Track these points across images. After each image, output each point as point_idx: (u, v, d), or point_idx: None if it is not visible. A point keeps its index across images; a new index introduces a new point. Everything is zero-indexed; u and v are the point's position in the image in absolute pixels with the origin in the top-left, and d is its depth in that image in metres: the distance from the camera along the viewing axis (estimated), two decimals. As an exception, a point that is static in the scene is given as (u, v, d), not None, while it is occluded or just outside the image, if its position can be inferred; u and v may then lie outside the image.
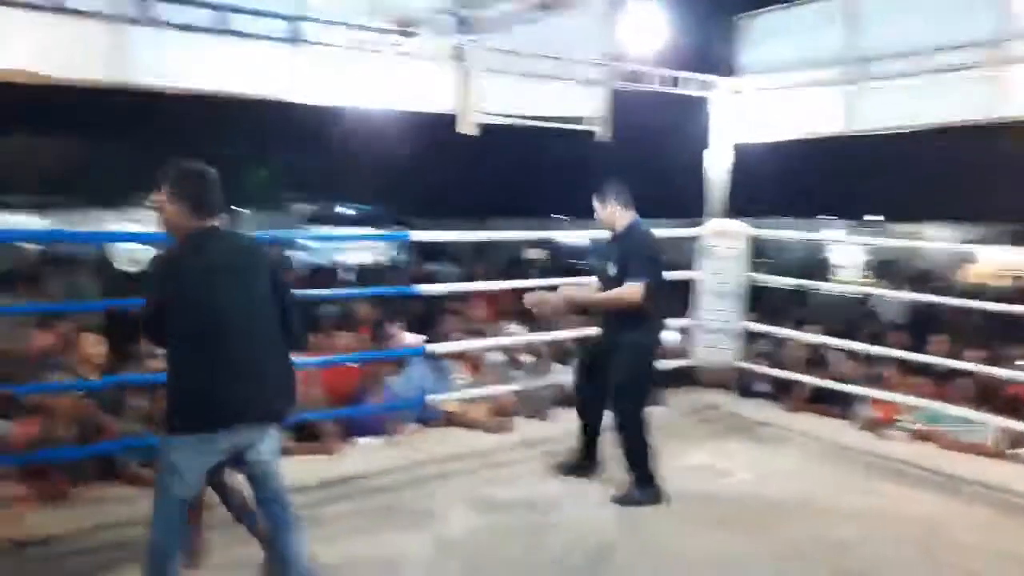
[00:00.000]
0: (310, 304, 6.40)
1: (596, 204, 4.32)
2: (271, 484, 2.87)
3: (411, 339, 4.58)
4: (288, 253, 8.91)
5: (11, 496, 3.76)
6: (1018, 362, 5.43)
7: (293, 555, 2.90)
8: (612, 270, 4.17)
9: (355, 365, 5.20)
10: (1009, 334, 6.18)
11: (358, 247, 16.83)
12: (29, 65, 4.12)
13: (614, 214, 4.30)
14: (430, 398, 5.01)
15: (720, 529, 3.86)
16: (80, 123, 19.63)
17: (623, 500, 4.10)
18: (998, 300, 6.74)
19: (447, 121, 5.51)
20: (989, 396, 5.13)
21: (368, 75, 5.06)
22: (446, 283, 8.08)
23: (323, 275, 9.58)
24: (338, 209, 26.16)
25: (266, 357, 2.79)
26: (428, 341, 5.49)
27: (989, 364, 5.18)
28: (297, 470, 4.34)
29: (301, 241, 14.00)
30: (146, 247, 12.44)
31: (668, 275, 4.55)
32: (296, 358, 4.99)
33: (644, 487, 4.13)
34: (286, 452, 4.47)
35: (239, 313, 2.70)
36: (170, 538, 2.71)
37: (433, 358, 5.34)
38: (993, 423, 4.85)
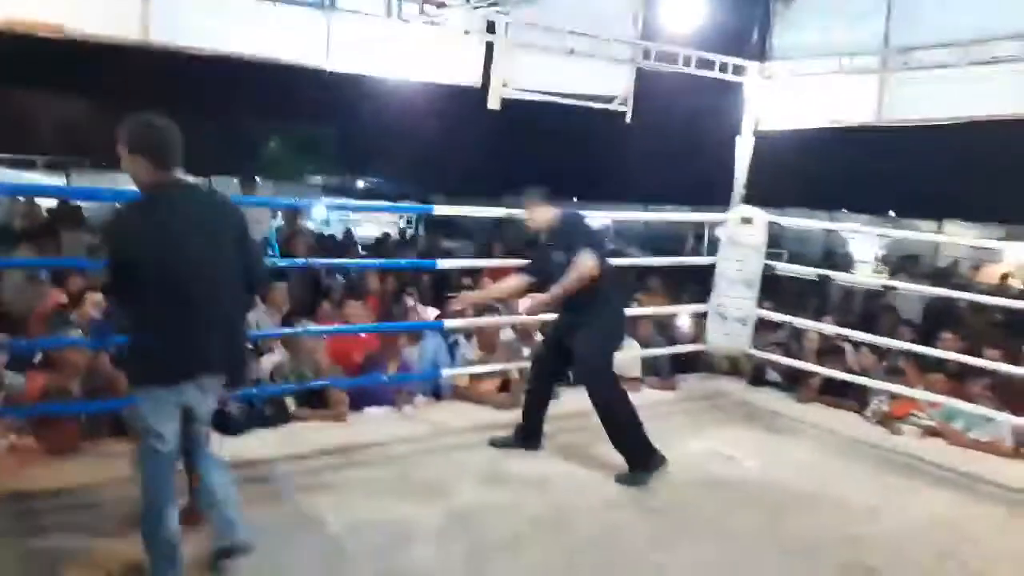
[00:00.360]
0: (323, 273, 6.42)
1: (526, 212, 4.42)
2: (199, 431, 2.88)
3: (430, 313, 4.57)
4: (303, 222, 8.87)
5: (23, 447, 3.80)
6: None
7: (222, 490, 2.90)
8: (561, 258, 4.20)
9: (365, 335, 5.20)
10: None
11: (374, 220, 16.81)
12: (60, 19, 4.10)
13: (546, 213, 4.36)
14: (444, 372, 5.00)
15: (726, 516, 3.83)
16: (105, 82, 19.64)
17: (627, 480, 4.09)
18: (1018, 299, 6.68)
19: (473, 95, 5.46)
20: (1006, 394, 5.07)
21: (398, 45, 5.02)
22: (461, 259, 8.07)
23: (336, 246, 9.56)
24: (356, 182, 26.14)
25: (228, 310, 2.82)
26: (440, 316, 5.48)
27: (1006, 363, 5.12)
28: (306, 436, 4.40)
29: (316, 211, 14.04)
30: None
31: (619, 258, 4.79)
32: (312, 325, 5.08)
33: (640, 459, 4.14)
34: (295, 418, 4.56)
35: (204, 266, 2.69)
36: (163, 493, 2.72)
37: (446, 333, 5.34)
38: (1009, 422, 4.79)
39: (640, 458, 4.14)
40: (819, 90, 6.16)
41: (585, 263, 4.10)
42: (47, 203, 9.96)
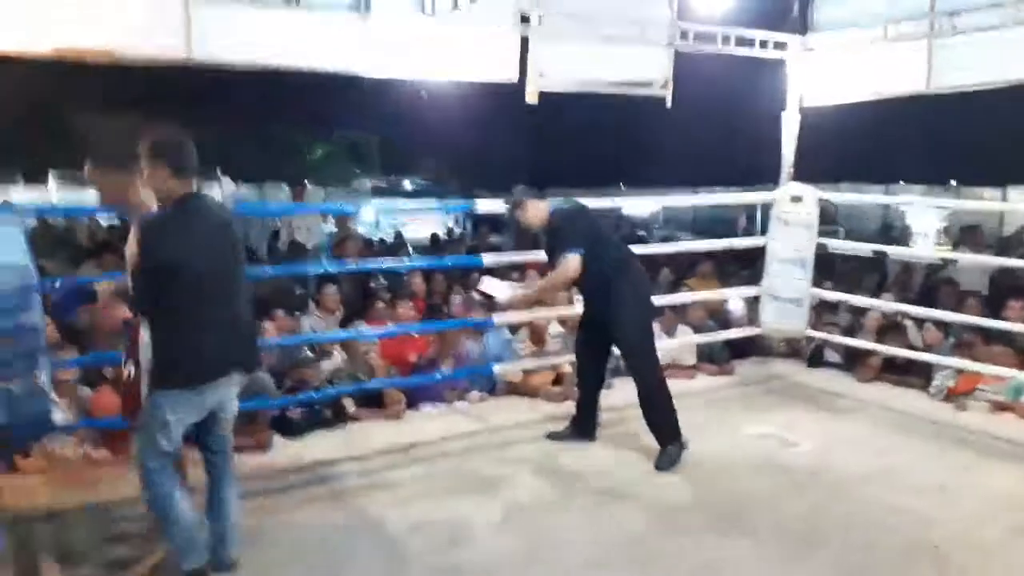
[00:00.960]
0: (369, 275, 6.52)
1: (516, 214, 4.35)
2: (224, 437, 3.01)
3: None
4: (353, 226, 9.01)
5: (98, 458, 3.95)
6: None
7: (228, 506, 3.02)
8: (556, 257, 4.21)
9: (417, 335, 5.28)
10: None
11: (421, 220, 16.97)
12: (107, 44, 4.24)
13: (537, 211, 4.29)
14: (498, 367, 5.04)
15: (783, 500, 3.79)
16: (145, 100, 20.22)
17: (664, 460, 4.12)
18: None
19: (511, 90, 5.46)
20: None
21: (433, 45, 5.05)
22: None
23: (386, 248, 9.70)
24: (402, 184, 26.39)
25: (243, 314, 2.96)
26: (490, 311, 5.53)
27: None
28: (365, 436, 4.50)
29: (365, 216, 14.19)
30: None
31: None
32: (364, 327, 5.17)
33: (672, 443, 4.16)
34: (353, 419, 4.65)
35: (223, 274, 2.85)
36: (169, 483, 2.82)
37: (499, 328, 5.38)
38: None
39: (671, 434, 4.17)
40: (866, 60, 5.98)
41: (566, 266, 4.12)
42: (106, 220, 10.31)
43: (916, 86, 5.69)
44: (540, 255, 4.72)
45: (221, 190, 19.30)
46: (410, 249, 11.43)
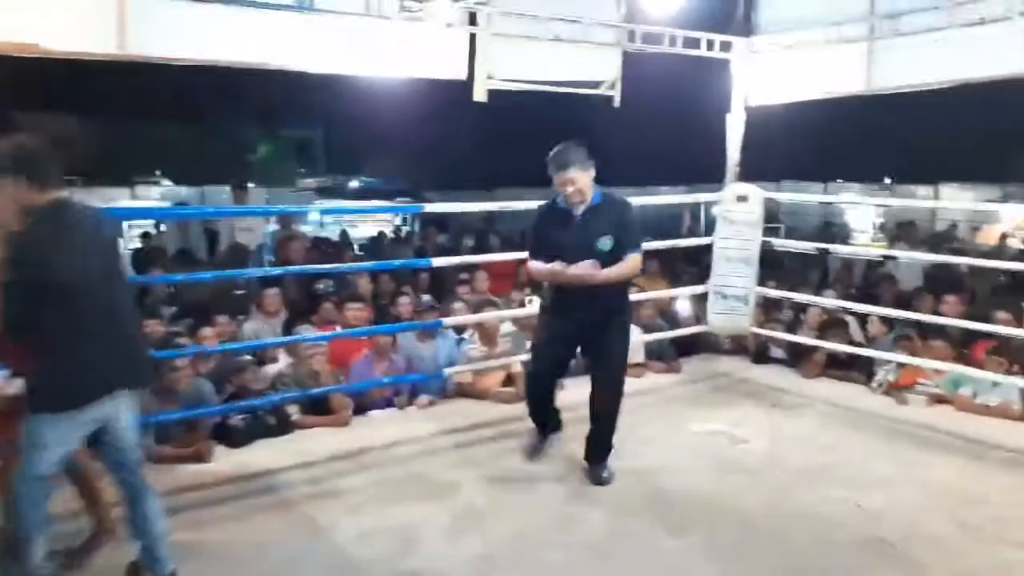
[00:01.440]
0: (314, 277, 6.38)
1: (577, 172, 3.69)
2: (126, 454, 2.85)
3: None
4: (297, 226, 8.82)
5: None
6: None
7: (151, 522, 2.88)
8: (606, 244, 3.72)
9: (367, 338, 5.17)
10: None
11: (368, 220, 16.75)
12: (34, 39, 4.05)
13: (589, 181, 3.76)
14: (446, 370, 4.97)
15: (735, 496, 3.81)
16: (82, 98, 19.50)
17: (608, 479, 3.95)
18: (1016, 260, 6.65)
19: (459, 88, 5.41)
20: (1013, 357, 5.03)
21: (380, 42, 4.97)
22: (459, 255, 8.02)
23: (331, 249, 9.52)
24: (347, 183, 26.06)
25: (127, 327, 2.81)
26: (440, 313, 5.46)
27: (1012, 325, 5.08)
28: (311, 443, 4.38)
29: (310, 215, 13.93)
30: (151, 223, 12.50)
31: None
32: (310, 330, 5.04)
33: (608, 456, 4.02)
34: (298, 426, 4.53)
35: (102, 285, 2.67)
36: (36, 520, 2.68)
37: (446, 330, 5.31)
38: (1017, 385, 4.76)
39: (609, 449, 4.03)
40: (809, 62, 6.09)
41: (636, 266, 3.85)
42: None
43: (856, 86, 5.82)
44: (492, 257, 4.66)
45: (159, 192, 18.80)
46: (355, 249, 11.27)
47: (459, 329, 5.60)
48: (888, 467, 4.18)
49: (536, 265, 3.89)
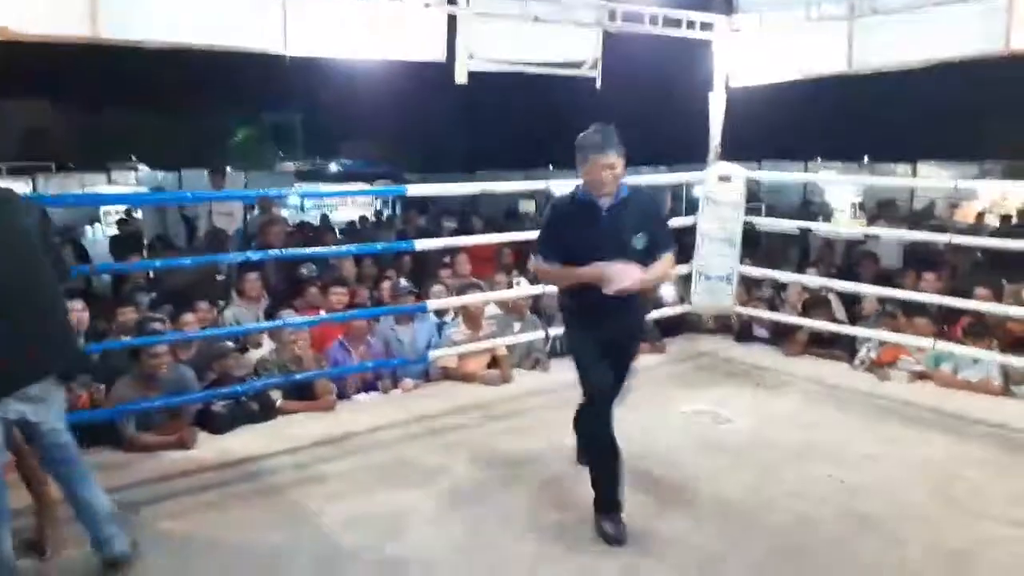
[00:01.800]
0: (296, 262, 6.32)
1: (617, 157, 3.16)
2: (59, 446, 2.80)
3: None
4: (277, 210, 8.72)
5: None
6: None
7: (94, 506, 2.84)
8: (640, 243, 3.25)
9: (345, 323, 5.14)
10: (1006, 270, 6.15)
11: (349, 203, 16.65)
12: (3, 22, 3.95)
13: (623, 172, 3.24)
14: (429, 353, 4.95)
15: (719, 475, 3.83)
16: (55, 83, 19.15)
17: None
18: (994, 236, 6.72)
19: (439, 70, 5.34)
20: (992, 333, 5.09)
21: (358, 24, 4.89)
22: (443, 237, 7.98)
23: (311, 232, 9.44)
24: (328, 166, 25.85)
25: (48, 314, 2.73)
26: (420, 297, 5.43)
27: (991, 301, 5.13)
28: (295, 428, 4.35)
29: (291, 198, 13.83)
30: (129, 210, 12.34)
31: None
32: (293, 315, 5.00)
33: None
34: (282, 412, 4.50)
35: (16, 273, 2.59)
36: None
37: (432, 313, 5.28)
38: (995, 361, 4.82)
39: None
40: (790, 41, 6.07)
41: (673, 264, 3.46)
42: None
43: (838, 66, 5.81)
44: (476, 239, 4.61)
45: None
46: (337, 233, 11.19)
47: (442, 312, 5.58)
48: (871, 443, 4.22)
49: (550, 268, 3.33)
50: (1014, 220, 12.77)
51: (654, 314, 6.05)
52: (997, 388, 4.86)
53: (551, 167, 18.62)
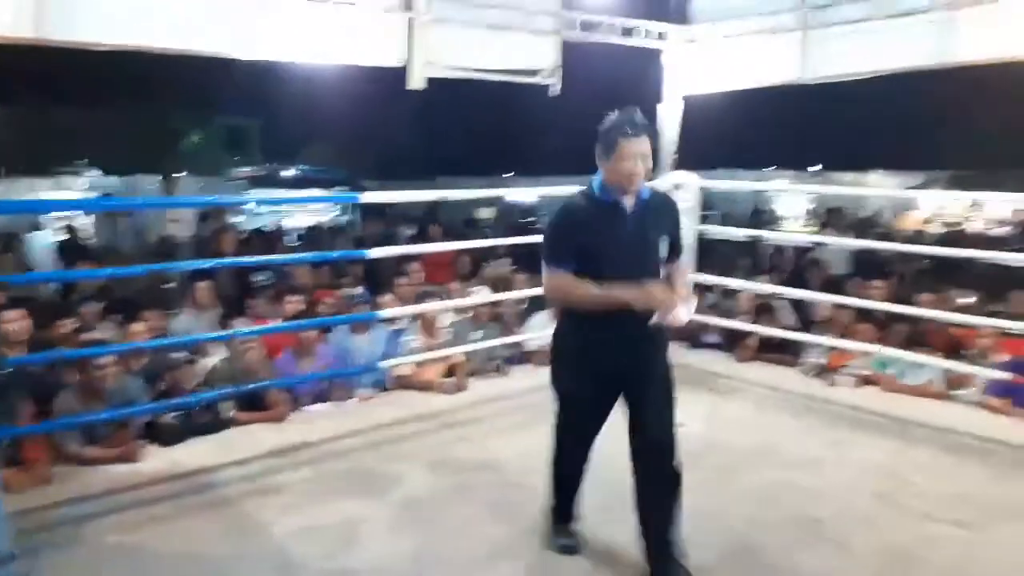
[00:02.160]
0: (249, 269, 6.24)
1: (648, 147, 2.79)
2: None
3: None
4: (230, 217, 8.60)
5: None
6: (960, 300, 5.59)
7: None
8: (664, 249, 2.88)
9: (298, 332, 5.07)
10: (949, 277, 6.34)
11: (305, 210, 16.45)
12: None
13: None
14: (384, 362, 4.91)
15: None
16: (3, 86, 18.58)
17: None
18: (936, 244, 6.93)
19: (398, 76, 5.33)
20: (933, 340, 5.24)
21: (316, 28, 4.86)
22: (401, 245, 7.93)
23: (265, 240, 9.31)
24: (283, 172, 25.52)
25: None
26: (375, 305, 5.39)
27: (935, 307, 5.28)
28: (247, 439, 4.28)
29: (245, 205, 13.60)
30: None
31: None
32: (246, 323, 4.92)
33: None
34: (234, 423, 4.42)
35: None
36: None
37: (386, 321, 5.24)
38: (937, 366, 4.96)
39: None
40: (745, 51, 6.19)
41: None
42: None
43: (791, 76, 5.94)
44: (433, 247, 4.57)
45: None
46: (295, 239, 11.05)
47: (399, 321, 5.55)
48: (820, 447, 4.31)
49: (563, 281, 2.78)
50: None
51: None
52: (939, 392, 5.00)
53: (511, 174, 18.74)
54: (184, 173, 18.98)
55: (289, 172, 25.17)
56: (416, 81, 5.33)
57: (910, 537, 3.35)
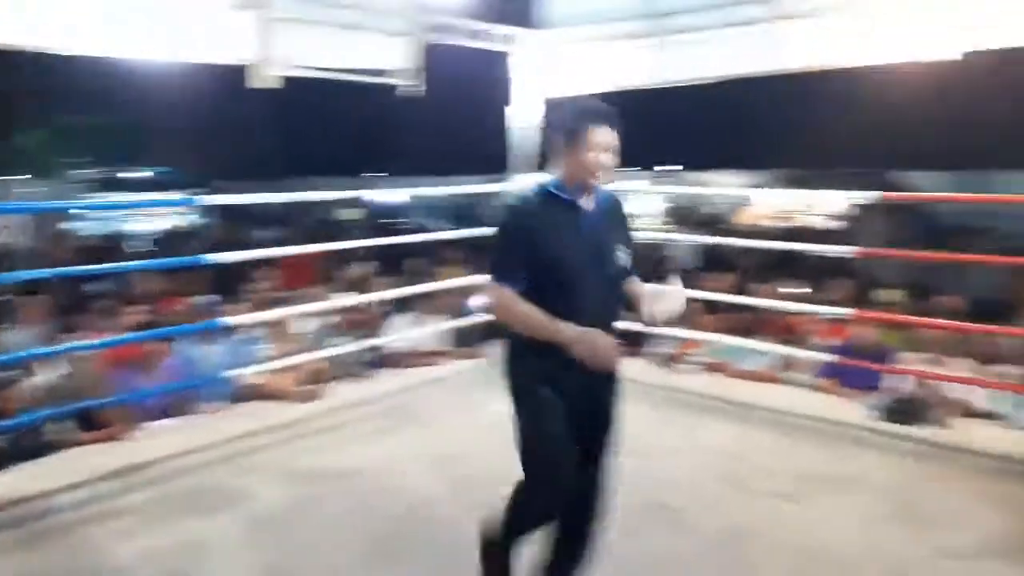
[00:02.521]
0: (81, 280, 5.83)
1: (616, 140, 2.47)
2: None
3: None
4: (64, 224, 7.99)
5: None
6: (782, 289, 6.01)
7: None
8: (623, 257, 2.56)
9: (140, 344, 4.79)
10: (781, 269, 6.83)
11: (152, 215, 15.53)
12: None
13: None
14: (233, 372, 4.71)
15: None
16: None
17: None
18: (771, 239, 7.44)
19: (247, 74, 5.13)
20: (769, 327, 5.62)
21: (159, 23, 4.58)
22: (260, 248, 7.63)
23: (105, 247, 8.75)
24: (128, 174, 23.96)
25: None
26: (225, 312, 5.17)
27: (771, 298, 5.67)
28: (85, 461, 4.01)
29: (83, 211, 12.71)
30: None
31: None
32: (82, 338, 4.59)
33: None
34: (71, 443, 4.13)
35: None
36: None
37: (235, 330, 5.04)
38: (773, 351, 5.32)
39: None
40: (601, 54, 6.35)
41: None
42: None
43: (644, 80, 6.16)
44: (284, 251, 4.41)
45: None
46: (151, 244, 10.42)
47: (251, 329, 5.34)
48: (670, 434, 4.53)
49: (512, 302, 2.41)
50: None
51: (473, 320, 6.14)
52: (772, 376, 5.36)
53: (376, 174, 18.52)
54: (18, 176, 17.51)
55: (137, 174, 23.71)
56: (264, 80, 5.15)
57: (749, 515, 3.57)
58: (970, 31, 4.25)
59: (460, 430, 4.52)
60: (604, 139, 2.42)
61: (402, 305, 6.00)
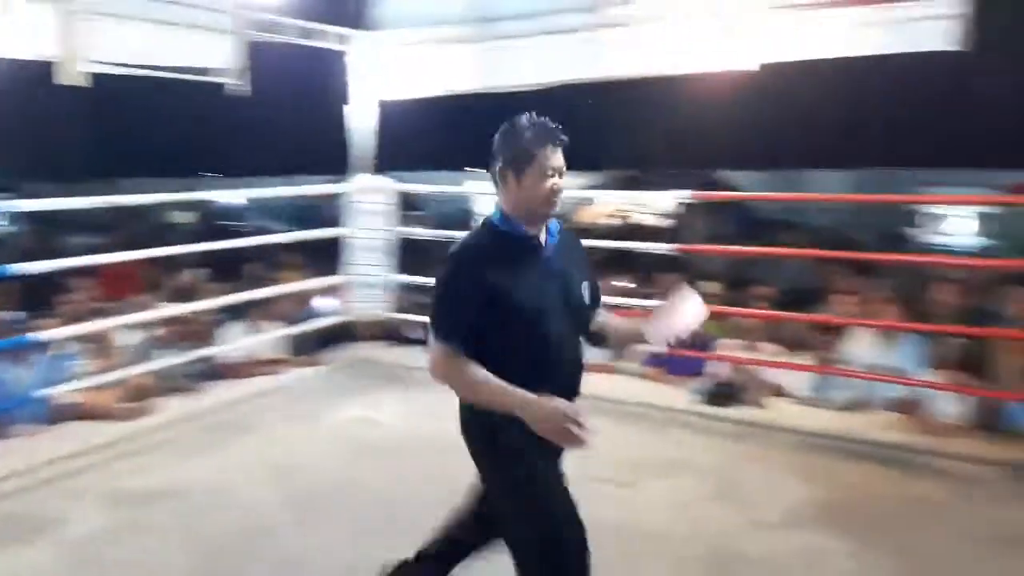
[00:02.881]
0: None
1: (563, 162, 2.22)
2: None
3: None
4: None
5: None
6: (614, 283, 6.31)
7: None
8: (587, 295, 2.33)
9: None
10: (620, 264, 7.16)
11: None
12: None
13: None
14: (48, 392, 4.36)
15: (369, 474, 4.00)
16: None
17: None
18: (607, 237, 7.80)
19: (55, 71, 4.77)
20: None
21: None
22: (75, 257, 7.06)
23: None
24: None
25: None
26: (35, 328, 4.76)
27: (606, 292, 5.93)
28: None
29: None
30: None
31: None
32: None
33: None
34: None
35: None
36: None
37: (48, 346, 4.66)
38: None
39: None
40: (433, 59, 6.39)
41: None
42: None
43: (473, 85, 6.27)
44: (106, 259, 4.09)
45: None
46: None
47: (67, 344, 4.94)
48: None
49: (464, 368, 2.14)
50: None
51: (311, 325, 6.02)
52: (608, 366, 5.59)
53: (208, 175, 17.65)
54: None
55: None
56: (71, 77, 4.81)
57: (585, 502, 3.73)
58: (766, 45, 4.68)
59: (298, 441, 4.43)
60: (558, 162, 2.15)
61: (237, 312, 5.78)
